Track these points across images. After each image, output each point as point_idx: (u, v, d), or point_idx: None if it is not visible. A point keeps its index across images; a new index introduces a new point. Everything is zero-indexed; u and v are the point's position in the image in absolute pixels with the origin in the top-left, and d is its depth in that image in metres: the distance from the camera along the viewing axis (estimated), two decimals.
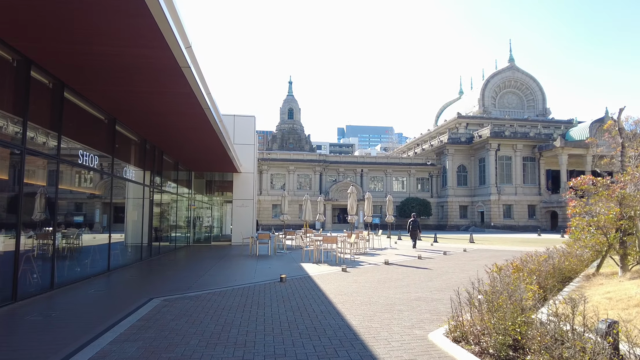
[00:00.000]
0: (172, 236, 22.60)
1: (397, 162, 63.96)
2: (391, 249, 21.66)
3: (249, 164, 25.93)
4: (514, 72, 75.03)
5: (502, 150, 56.52)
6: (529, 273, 6.50)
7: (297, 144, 59.75)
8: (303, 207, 21.08)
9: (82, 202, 12.39)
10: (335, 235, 15.75)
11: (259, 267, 13.89)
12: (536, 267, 6.85)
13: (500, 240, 32.40)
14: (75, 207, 12.04)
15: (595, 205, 8.53)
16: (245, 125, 26.19)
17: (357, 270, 12.67)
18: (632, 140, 12.63)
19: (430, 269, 13.12)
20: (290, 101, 62.17)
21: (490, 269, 7.15)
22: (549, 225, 54.07)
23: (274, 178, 57.49)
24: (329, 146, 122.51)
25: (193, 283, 10.46)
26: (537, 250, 11.31)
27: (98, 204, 13.29)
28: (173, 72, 8.87)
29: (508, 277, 6.34)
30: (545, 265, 7.18)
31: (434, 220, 60.27)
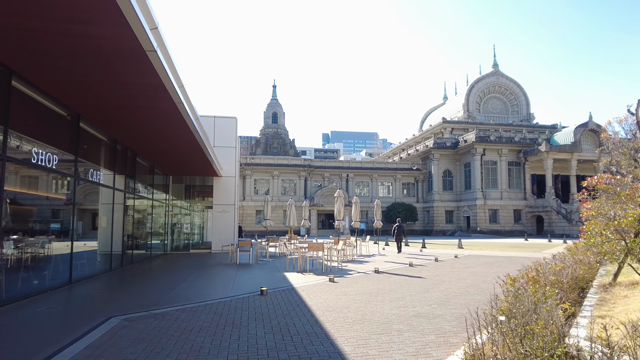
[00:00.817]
0: (148, 244, 21.26)
1: (382, 167, 63.27)
2: (380, 256, 20.68)
3: (230, 167, 24.73)
4: (498, 78, 75.39)
5: (487, 155, 56.30)
6: (551, 285, 5.54)
7: (282, 149, 58.57)
8: (287, 213, 19.99)
9: (41, 207, 11.11)
10: (322, 242, 14.70)
11: (238, 277, 12.73)
12: (557, 279, 5.91)
13: (489, 246, 31.76)
14: (32, 212, 10.77)
15: (613, 207, 7.65)
16: (227, 127, 25.01)
17: (345, 280, 11.62)
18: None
19: (425, 278, 12.14)
20: (275, 105, 61.03)
21: (503, 281, 6.18)
22: (535, 230, 53.89)
23: (257, 183, 56.19)
24: (314, 151, 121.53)
25: (162, 297, 9.28)
26: (545, 257, 10.41)
27: (61, 209, 12.00)
28: (136, 58, 7.76)
29: (525, 291, 5.37)
30: (565, 276, 6.25)
31: (420, 226, 59.65)
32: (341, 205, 15.90)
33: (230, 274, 13.63)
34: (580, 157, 52.60)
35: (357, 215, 19.50)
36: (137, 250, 19.72)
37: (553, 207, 50.85)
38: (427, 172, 61.52)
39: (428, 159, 61.60)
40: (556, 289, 5.62)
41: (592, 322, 4.91)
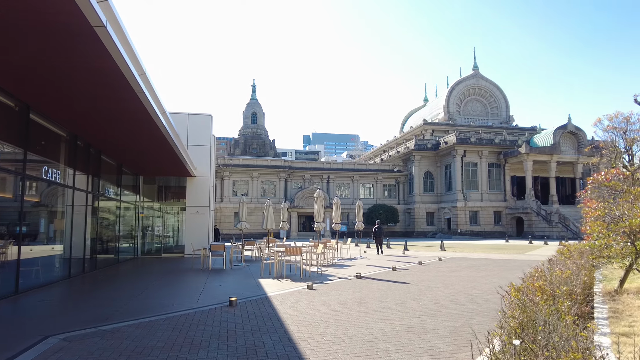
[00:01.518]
0: (115, 248, 19.95)
1: (364, 168, 62.65)
2: (361, 259, 19.82)
3: (204, 167, 23.55)
4: (478, 80, 75.69)
5: (467, 157, 56.22)
6: (564, 297, 4.72)
7: (261, 150, 57.32)
8: (264, 215, 18.99)
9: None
10: (300, 246, 13.74)
11: (208, 285, 11.66)
12: (569, 289, 5.09)
13: (471, 247, 31.29)
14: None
15: (620, 206, 6.93)
16: (201, 125, 23.83)
17: (325, 287, 10.68)
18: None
19: (410, 284, 11.30)
20: (254, 105, 59.73)
21: (506, 291, 5.34)
22: (515, 231, 53.99)
23: (236, 185, 54.81)
24: (295, 153, 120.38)
25: (117, 310, 8.18)
26: (541, 261, 9.67)
27: (7, 210, 10.76)
28: (84, 36, 6.69)
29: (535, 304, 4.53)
30: (577, 285, 5.44)
31: (401, 227, 59.18)
32: (321, 206, 14.97)
33: (200, 280, 12.54)
34: (560, 158, 52.94)
35: (338, 217, 18.61)
36: (102, 255, 18.42)
37: (533, 208, 50.98)
38: (408, 173, 61.17)
39: (409, 161, 61.26)
40: (568, 301, 4.79)
41: (617, 342, 4.09)
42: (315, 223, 15.09)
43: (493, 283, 11.44)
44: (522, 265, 17.01)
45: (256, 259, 19.13)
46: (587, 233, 7.81)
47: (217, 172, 54.77)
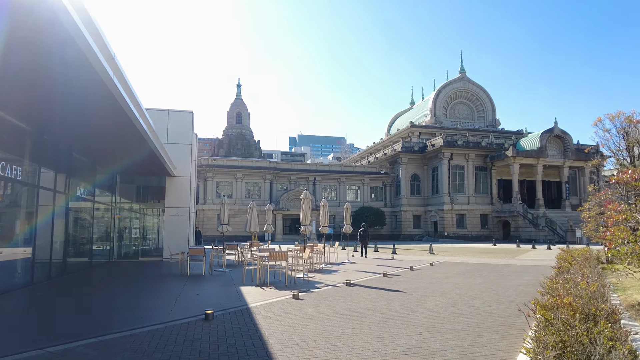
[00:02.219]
0: (88, 251, 18.73)
1: (350, 170, 61.92)
2: (350, 264, 18.95)
3: (185, 166, 22.43)
4: (464, 83, 75.77)
5: (454, 160, 55.92)
6: (605, 318, 3.89)
7: (246, 150, 56.10)
8: (248, 217, 18.01)
9: None
10: (285, 251, 12.80)
11: (184, 293, 10.63)
12: (609, 307, 4.27)
13: (460, 251, 30.71)
14: None
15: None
16: (182, 122, 22.73)
17: (313, 297, 9.75)
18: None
19: (404, 292, 10.44)
20: (239, 105, 58.49)
21: (531, 310, 4.49)
22: (501, 235, 53.79)
23: (220, 186, 53.53)
24: (280, 155, 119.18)
25: (74, 325, 7.14)
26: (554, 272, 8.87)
27: None
28: None
29: (569, 325, 3.70)
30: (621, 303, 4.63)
31: (387, 230, 58.52)
32: (307, 208, 14.06)
33: (176, 288, 11.50)
34: (546, 162, 52.96)
35: (326, 219, 17.72)
36: (73, 259, 17.19)
37: (520, 212, 50.83)
38: (395, 176, 60.64)
39: (396, 163, 60.74)
40: (609, 323, 3.97)
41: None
42: (302, 226, 14.16)
43: (492, 291, 10.67)
44: (516, 270, 16.33)
45: (238, 264, 18.11)
46: (608, 239, 7.05)
47: (200, 173, 53.43)
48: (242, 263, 17.51)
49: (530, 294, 10.33)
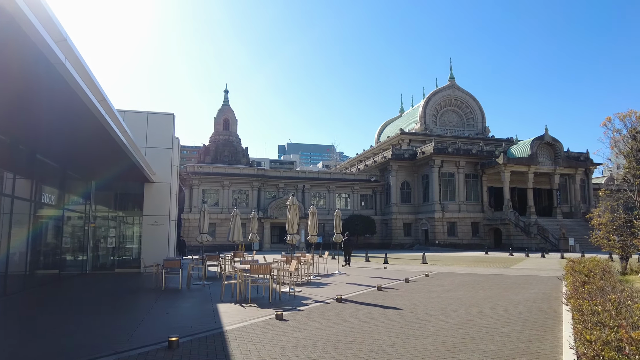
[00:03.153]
0: (58, 262, 17.28)
1: (340, 177, 60.85)
2: (340, 275, 17.75)
3: (165, 172, 21.13)
4: (454, 91, 75.46)
5: (445, 167, 55.19)
6: None
7: (233, 157, 54.68)
8: (231, 225, 16.75)
9: None
10: (269, 262, 11.55)
11: (152, 312, 9.34)
12: None
13: (453, 260, 29.69)
14: None
15: None
16: (162, 125, 21.46)
17: (299, 317, 8.54)
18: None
19: (403, 310, 9.27)
20: (226, 111, 57.14)
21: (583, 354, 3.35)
22: (492, 242, 52.96)
23: (206, 194, 52.01)
24: (269, 163, 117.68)
25: (11, 357, 5.83)
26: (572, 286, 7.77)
27: None
28: None
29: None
30: None
31: (378, 239, 57.37)
32: (295, 215, 12.86)
33: (145, 306, 10.19)
34: (537, 169, 52.48)
35: (314, 227, 16.52)
36: (42, 270, 15.80)
37: (511, 219, 50.14)
38: (385, 183, 59.70)
39: (386, 171, 59.83)
40: None
41: None
42: (288, 235, 12.93)
43: (500, 307, 9.56)
44: (518, 282, 15.28)
45: (220, 276, 16.78)
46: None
47: (186, 181, 51.93)
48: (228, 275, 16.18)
49: (542, 310, 9.26)
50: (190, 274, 14.82)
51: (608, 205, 12.97)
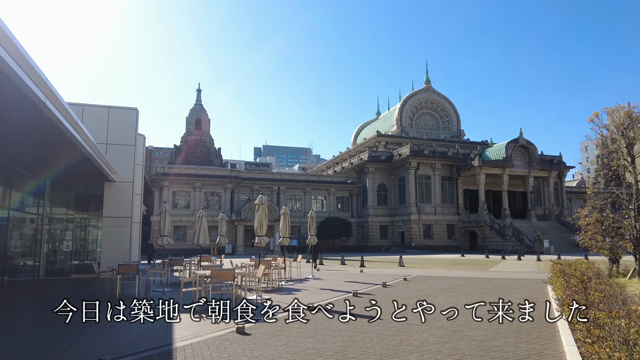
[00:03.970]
0: (5, 268, 15.71)
1: (316, 180, 59.88)
2: (314, 280, 16.74)
3: (127, 170, 19.71)
4: (430, 94, 75.74)
5: (421, 169, 54.95)
6: None
7: (206, 158, 52.97)
8: (196, 227, 15.56)
9: None
10: (232, 268, 10.44)
11: (96, 325, 8.09)
12: None
13: (430, 263, 29.13)
14: None
15: None
16: (125, 121, 20.05)
17: (264, 330, 7.48)
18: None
19: (381, 319, 8.31)
20: (199, 110, 55.39)
21: None
22: (468, 245, 52.92)
23: (177, 195, 50.20)
24: (244, 165, 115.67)
25: None
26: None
27: None
28: None
29: None
30: None
31: (354, 242, 56.58)
32: (263, 216, 11.76)
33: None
34: (512, 172, 52.78)
35: (287, 229, 15.47)
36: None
37: (486, 222, 50.18)
38: (362, 186, 59.05)
39: (362, 173, 59.20)
40: None
41: None
42: (256, 237, 11.78)
43: (485, 315, 8.71)
44: (500, 285, 14.59)
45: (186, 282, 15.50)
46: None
47: (156, 182, 50.03)
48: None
49: (534, 317, 8.46)
50: (150, 279, 13.54)
51: (597, 205, 12.40)
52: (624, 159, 11.96)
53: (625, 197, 11.19)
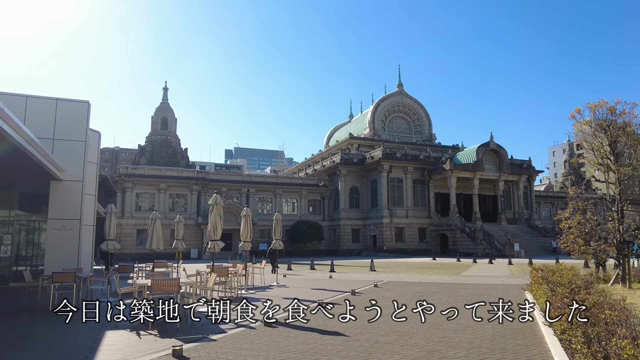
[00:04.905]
0: None
1: (287, 182, 58.61)
2: (279, 287, 15.56)
3: (76, 168, 18.02)
4: (402, 97, 75.74)
5: (393, 172, 54.54)
6: None
7: (171, 159, 50.87)
8: (149, 231, 14.13)
9: None
10: (177, 278, 9.18)
11: (5, 347, 6.73)
12: None
13: (401, 267, 28.39)
14: None
15: None
16: (74, 115, 18.37)
17: (206, 352, 6.29)
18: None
19: (347, 336, 7.27)
20: (165, 109, 53.23)
21: None
22: (439, 248, 52.76)
23: (140, 197, 47.98)
24: (215, 167, 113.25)
25: None
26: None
27: None
28: None
29: None
30: None
31: (326, 245, 55.53)
32: (217, 217, 10.49)
33: (3, 336, 7.51)
34: (483, 176, 53.00)
35: (247, 233, 14.23)
36: None
37: (457, 225, 50.10)
38: (334, 188, 58.16)
39: (335, 175, 58.32)
40: None
41: None
42: (209, 242, 10.51)
43: (466, 329, 7.81)
44: (475, 292, 13.81)
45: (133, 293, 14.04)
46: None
47: (119, 183, 47.73)
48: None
49: (518, 331, 7.58)
50: (92, 289, 12.07)
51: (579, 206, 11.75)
52: (607, 158, 11.37)
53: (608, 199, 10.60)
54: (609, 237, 10.93)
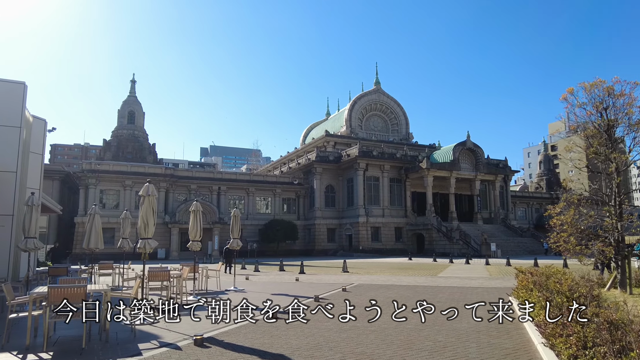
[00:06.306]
0: None
1: (261, 180, 56.73)
2: (235, 292, 13.90)
3: (10, 158, 15.90)
4: (379, 96, 74.81)
5: (370, 171, 53.37)
6: None
7: (138, 155, 48.34)
8: (87, 228, 12.28)
9: None
10: (84, 285, 7.43)
11: None
12: None
13: (377, 268, 27.07)
14: None
15: None
16: (6, 97, 16.25)
17: None
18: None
19: (291, 359, 5.71)
20: (132, 103, 50.59)
21: None
22: (415, 248, 51.87)
23: (104, 194, 45.42)
24: (188, 164, 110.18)
25: None
26: None
27: None
28: None
29: None
30: None
31: (300, 245, 53.92)
32: (149, 211, 8.77)
33: None
34: (459, 175, 52.34)
35: (196, 231, 12.53)
36: None
37: (434, 225, 49.26)
38: (309, 187, 56.60)
39: (310, 173, 56.77)
40: None
41: None
42: (140, 240, 8.81)
43: (445, 348, 6.37)
44: (453, 297, 12.46)
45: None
46: None
47: (81, 179, 45.08)
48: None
49: (509, 351, 6.19)
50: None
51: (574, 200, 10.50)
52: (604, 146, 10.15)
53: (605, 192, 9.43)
54: (608, 235, 9.70)
